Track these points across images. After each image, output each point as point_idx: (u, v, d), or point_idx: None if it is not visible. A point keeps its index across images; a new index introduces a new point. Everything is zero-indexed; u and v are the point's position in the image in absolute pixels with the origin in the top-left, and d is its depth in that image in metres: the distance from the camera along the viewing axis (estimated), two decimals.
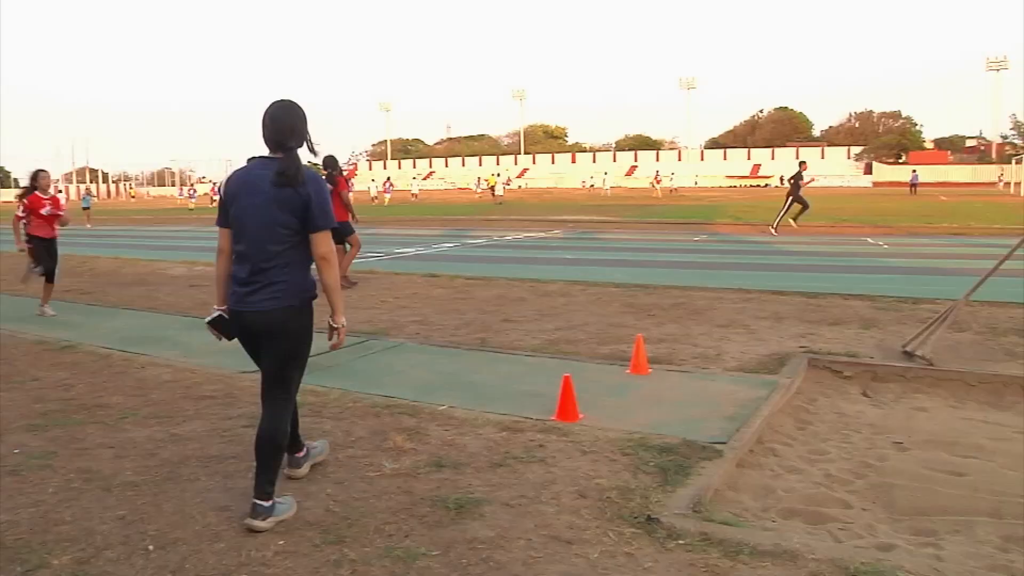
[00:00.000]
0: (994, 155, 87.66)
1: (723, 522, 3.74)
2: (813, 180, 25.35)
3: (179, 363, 7.06)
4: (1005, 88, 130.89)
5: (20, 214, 9.98)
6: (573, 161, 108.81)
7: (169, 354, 7.46)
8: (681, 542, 3.49)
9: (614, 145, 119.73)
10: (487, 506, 3.92)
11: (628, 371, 6.48)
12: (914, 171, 65.00)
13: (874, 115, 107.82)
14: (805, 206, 22.08)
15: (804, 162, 23.53)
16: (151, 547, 3.55)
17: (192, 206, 56.58)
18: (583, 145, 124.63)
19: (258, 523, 3.71)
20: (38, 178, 10.09)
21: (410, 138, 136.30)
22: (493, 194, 52.12)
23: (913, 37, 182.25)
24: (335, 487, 4.21)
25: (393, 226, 26.43)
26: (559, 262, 15.58)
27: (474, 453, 4.67)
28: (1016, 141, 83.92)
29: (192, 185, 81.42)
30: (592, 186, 75.84)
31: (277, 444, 3.91)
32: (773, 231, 21.60)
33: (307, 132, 3.90)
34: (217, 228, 3.94)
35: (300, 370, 4.01)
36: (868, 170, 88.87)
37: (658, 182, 62.14)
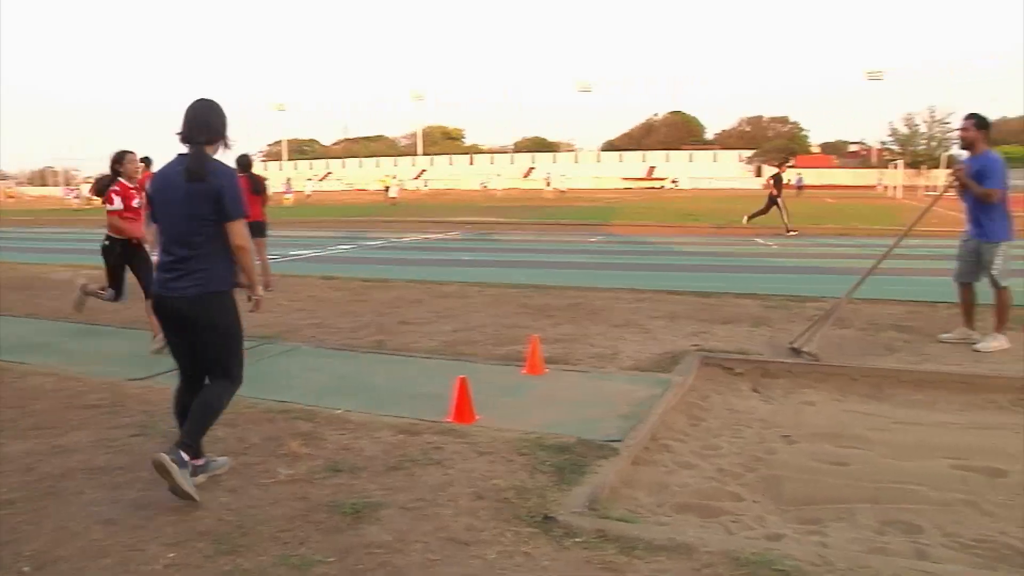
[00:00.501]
0: (874, 160, 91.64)
1: (619, 519, 3.79)
2: (792, 180, 25.47)
3: (62, 371, 6.74)
4: (883, 98, 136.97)
5: (116, 208, 7.56)
6: (471, 163, 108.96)
7: (52, 362, 7.13)
8: (578, 540, 3.52)
9: (512, 147, 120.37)
10: (384, 510, 3.88)
11: (524, 372, 6.51)
12: (799, 175, 67.36)
13: (764, 120, 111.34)
14: (764, 211, 22.47)
15: (783, 164, 23.96)
16: (27, 568, 3.38)
17: (76, 206, 54.39)
18: (481, 147, 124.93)
19: (163, 457, 3.90)
20: (124, 161, 7.71)
21: (306, 138, 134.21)
22: (387, 196, 51.83)
23: (800, 48, 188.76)
24: (228, 495, 4.11)
25: (289, 228, 25.94)
26: (456, 263, 15.57)
27: (371, 457, 4.62)
28: (894, 147, 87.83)
29: (76, 185, 78.19)
30: (485, 187, 76.16)
31: (214, 409, 4.17)
32: (791, 232, 21.64)
33: (223, 129, 4.14)
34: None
35: (237, 355, 4.26)
36: (758, 173, 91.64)
37: (548, 184, 63.12)
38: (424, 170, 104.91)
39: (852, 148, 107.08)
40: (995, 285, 7.40)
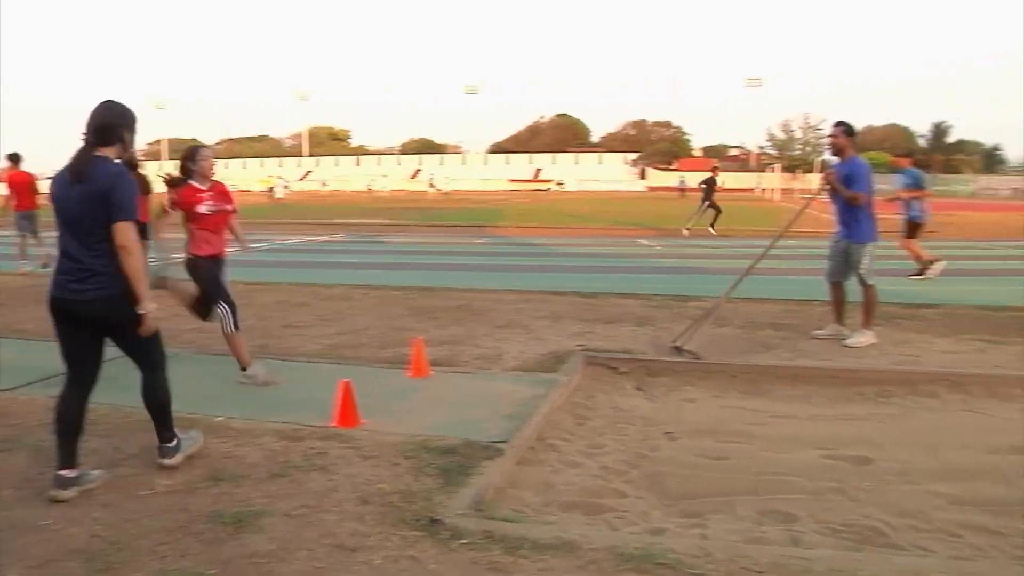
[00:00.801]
0: (753, 164, 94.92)
1: (505, 519, 3.81)
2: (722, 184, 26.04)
3: None
4: (761, 104, 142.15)
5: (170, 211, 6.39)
6: (358, 164, 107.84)
7: None
8: (464, 541, 3.52)
9: (399, 148, 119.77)
10: (267, 518, 3.79)
11: (409, 374, 6.47)
12: (681, 178, 69.17)
13: (648, 124, 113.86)
14: (718, 211, 22.79)
15: (716, 167, 24.56)
16: None
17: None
18: (368, 148, 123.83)
19: (167, 460, 4.42)
20: (197, 158, 6.30)
21: (186, 137, 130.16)
22: (272, 196, 50.80)
23: (681, 53, 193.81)
24: (102, 510, 3.93)
25: (171, 230, 25.11)
26: (342, 266, 15.38)
27: (253, 464, 4.51)
28: (771, 152, 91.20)
29: None
30: (371, 188, 75.56)
31: (161, 402, 4.41)
32: (686, 232, 22.03)
33: (118, 130, 4.07)
34: None
35: (158, 343, 4.36)
36: (643, 175, 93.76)
37: (431, 185, 63.21)
38: (310, 171, 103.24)
39: (732, 152, 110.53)
40: (862, 284, 7.76)
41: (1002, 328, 8.53)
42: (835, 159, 8.04)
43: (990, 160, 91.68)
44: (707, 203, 22.74)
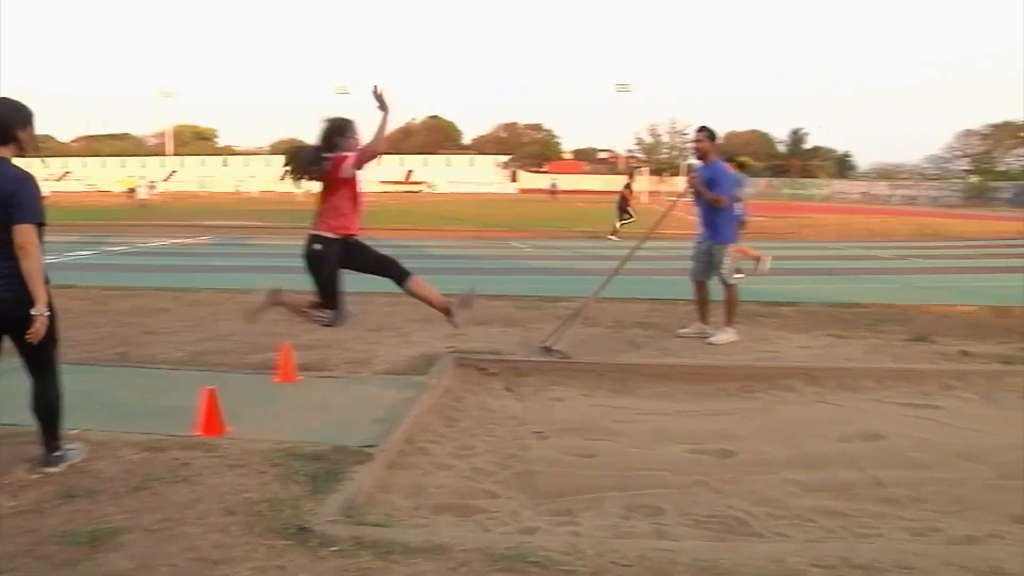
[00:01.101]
0: (622, 167, 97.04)
1: (375, 524, 3.77)
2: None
3: None
4: (631, 108, 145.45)
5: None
6: (224, 164, 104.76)
7: None
8: (334, 549, 3.46)
9: (269, 148, 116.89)
10: (126, 535, 3.63)
11: (277, 380, 6.33)
12: (552, 180, 70.26)
13: (519, 126, 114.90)
14: (630, 216, 23.01)
15: (632, 173, 24.91)
16: None
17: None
18: (235, 148, 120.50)
19: (51, 468, 4.35)
20: (346, 133, 5.97)
21: (40, 134, 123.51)
22: (134, 197, 48.80)
23: (551, 57, 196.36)
24: None
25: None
26: (208, 269, 14.92)
27: (111, 478, 4.31)
28: (639, 155, 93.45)
29: None
30: (239, 189, 73.57)
31: (51, 409, 4.43)
32: (612, 236, 22.29)
33: (15, 129, 4.05)
34: None
35: (54, 347, 4.39)
36: (514, 177, 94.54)
37: (298, 186, 61.88)
38: (174, 171, 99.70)
39: (602, 155, 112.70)
40: (724, 283, 8.06)
41: (851, 323, 9.02)
42: (699, 163, 8.31)
43: (842, 166, 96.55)
44: (623, 207, 23.40)
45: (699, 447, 5.19)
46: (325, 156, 5.88)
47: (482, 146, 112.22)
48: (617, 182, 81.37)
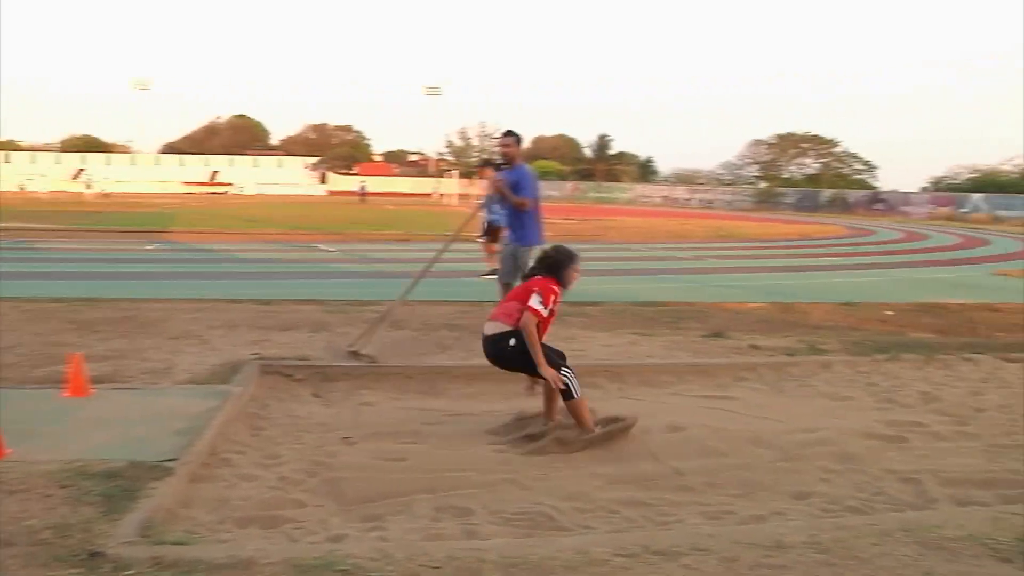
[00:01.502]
0: (432, 169, 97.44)
1: (176, 542, 3.61)
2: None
3: None
4: (440, 111, 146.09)
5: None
6: (7, 161, 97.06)
7: None
8: (130, 572, 3.28)
9: (59, 145, 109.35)
10: None
11: (66, 394, 5.93)
12: (362, 182, 69.62)
13: (328, 127, 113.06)
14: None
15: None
16: None
17: None
18: (19, 143, 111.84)
19: None
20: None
21: None
22: None
23: (362, 58, 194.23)
24: None
25: None
26: None
27: None
28: (449, 158, 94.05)
29: None
30: (24, 188, 68.51)
31: None
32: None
33: None
34: None
35: None
36: (323, 179, 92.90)
37: (88, 186, 58.62)
38: None
39: (412, 158, 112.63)
40: None
41: (653, 321, 9.46)
42: (505, 166, 8.46)
43: (645, 170, 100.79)
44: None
45: (506, 446, 5.29)
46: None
47: (291, 147, 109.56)
48: (427, 185, 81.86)
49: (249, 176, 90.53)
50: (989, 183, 68.26)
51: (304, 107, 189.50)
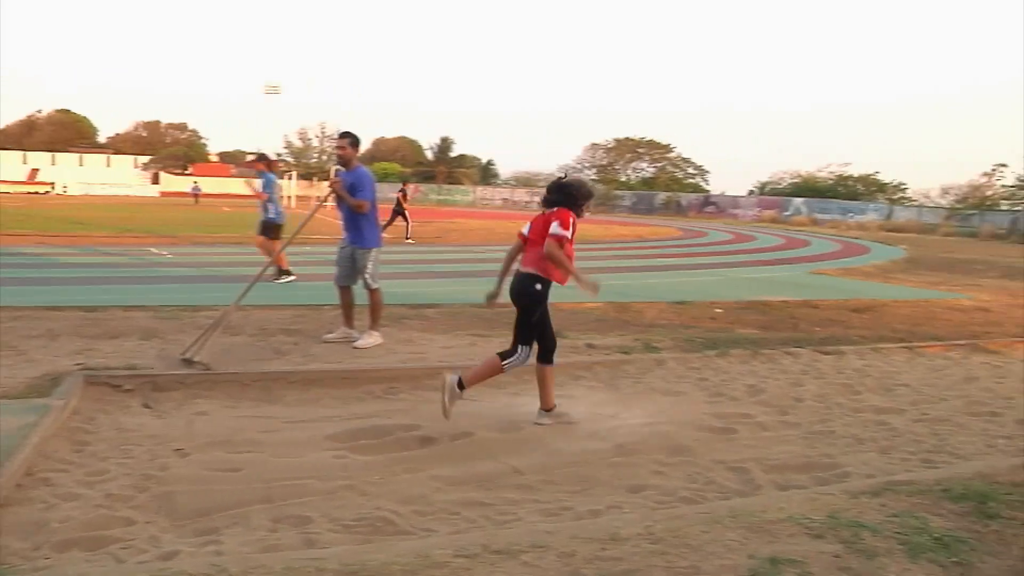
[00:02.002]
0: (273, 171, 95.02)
1: None
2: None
3: None
4: (280, 110, 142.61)
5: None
6: None
7: None
8: None
9: None
10: None
11: None
12: (195, 183, 67.22)
13: (161, 126, 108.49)
14: (389, 223, 23.32)
15: (407, 181, 26.79)
16: None
17: None
18: None
19: None
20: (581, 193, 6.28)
21: None
22: None
23: (202, 56, 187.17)
24: None
25: None
26: None
27: None
28: (289, 159, 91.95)
29: None
30: None
31: None
32: (408, 239, 23.27)
33: None
34: None
35: None
36: (156, 180, 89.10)
37: None
38: None
39: (250, 158, 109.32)
40: (368, 287, 8.16)
41: (492, 323, 9.55)
42: (343, 168, 8.35)
43: (486, 173, 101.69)
44: (399, 214, 24.31)
45: (345, 451, 5.23)
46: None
47: (120, 145, 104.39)
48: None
49: (74, 175, 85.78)
50: (808, 188, 72.78)
51: (135, 104, 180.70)
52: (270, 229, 13.07)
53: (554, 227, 5.76)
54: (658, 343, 8.86)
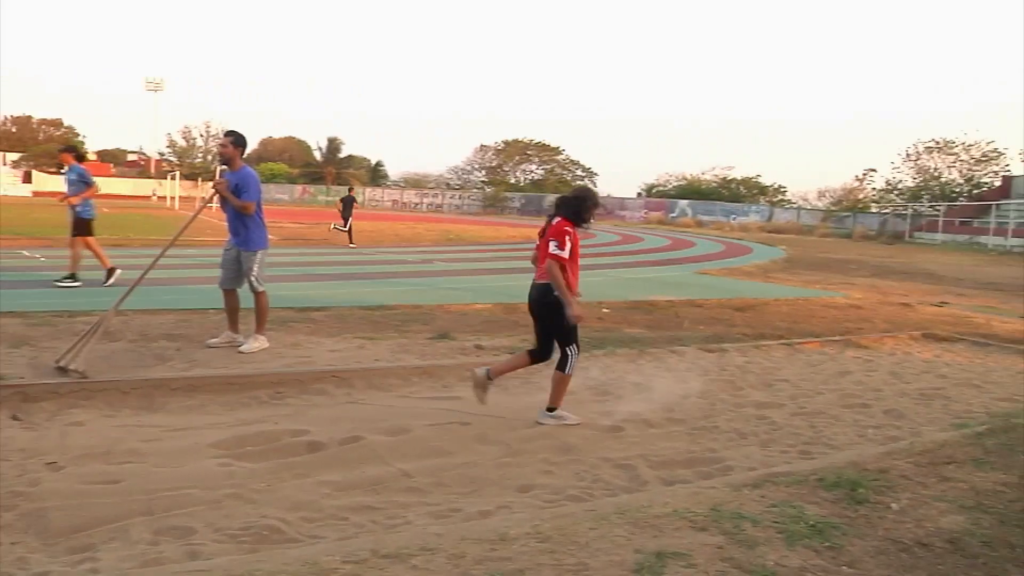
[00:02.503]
0: (153, 170, 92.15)
1: None
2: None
3: None
4: (163, 108, 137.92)
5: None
6: None
7: None
8: None
9: None
10: None
11: None
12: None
13: (34, 121, 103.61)
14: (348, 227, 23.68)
15: (352, 187, 26.92)
16: None
17: None
18: None
19: None
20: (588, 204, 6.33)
21: None
22: None
23: (76, 49, 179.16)
24: None
25: None
26: None
27: None
28: (172, 158, 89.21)
29: None
30: None
31: None
32: (353, 245, 23.42)
33: None
34: None
35: None
36: (27, 179, 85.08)
37: None
38: None
39: (131, 157, 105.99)
40: (253, 290, 7.99)
41: (380, 325, 9.50)
42: (225, 168, 8.15)
43: (375, 174, 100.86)
44: (346, 219, 24.41)
45: (231, 459, 5.11)
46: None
47: None
48: (147, 186, 77.37)
49: None
50: (693, 190, 74.86)
51: (5, 98, 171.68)
52: (82, 225, 12.58)
53: (552, 247, 5.99)
54: None
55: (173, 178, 62.59)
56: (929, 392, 7.89)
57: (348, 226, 24.77)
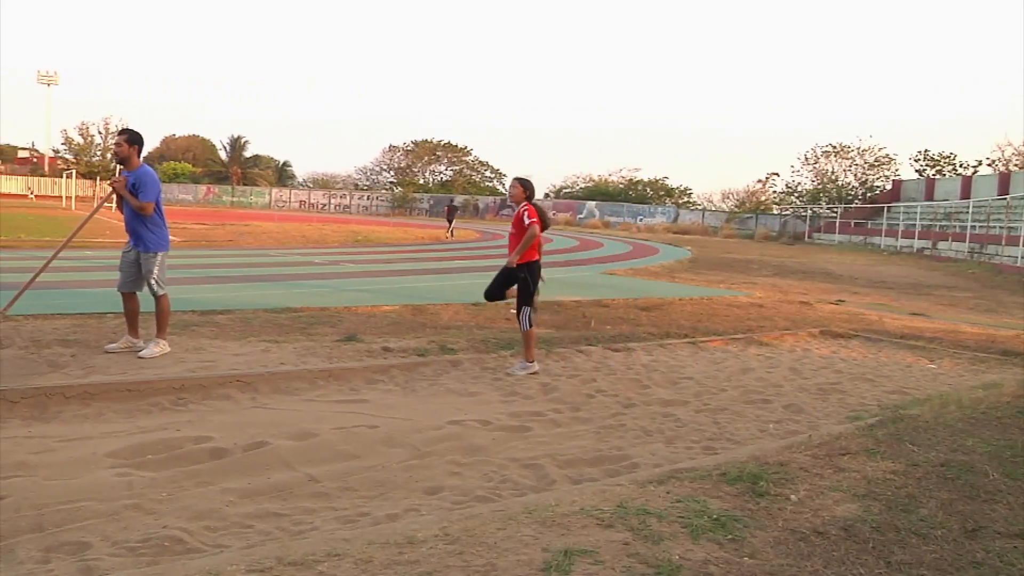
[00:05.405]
0: (47, 168, 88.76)
1: None
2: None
3: None
4: (57, 102, 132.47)
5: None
6: None
7: None
8: None
9: None
10: None
11: None
12: None
13: None
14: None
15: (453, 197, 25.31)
16: None
17: None
18: None
19: None
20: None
21: None
22: None
23: None
24: None
25: None
26: None
27: None
28: (68, 156, 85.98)
29: None
30: None
31: None
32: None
33: None
34: None
35: None
36: None
37: None
38: None
39: (23, 154, 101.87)
40: (154, 294, 7.76)
41: (286, 328, 9.34)
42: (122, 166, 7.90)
43: (282, 174, 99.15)
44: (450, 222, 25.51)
45: (128, 468, 4.93)
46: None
47: None
48: (42, 185, 74.41)
49: None
50: (600, 192, 75.85)
51: None
52: None
53: (525, 220, 8.14)
54: (454, 344, 8.95)
55: (69, 176, 60.41)
56: (826, 387, 8.16)
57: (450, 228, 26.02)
